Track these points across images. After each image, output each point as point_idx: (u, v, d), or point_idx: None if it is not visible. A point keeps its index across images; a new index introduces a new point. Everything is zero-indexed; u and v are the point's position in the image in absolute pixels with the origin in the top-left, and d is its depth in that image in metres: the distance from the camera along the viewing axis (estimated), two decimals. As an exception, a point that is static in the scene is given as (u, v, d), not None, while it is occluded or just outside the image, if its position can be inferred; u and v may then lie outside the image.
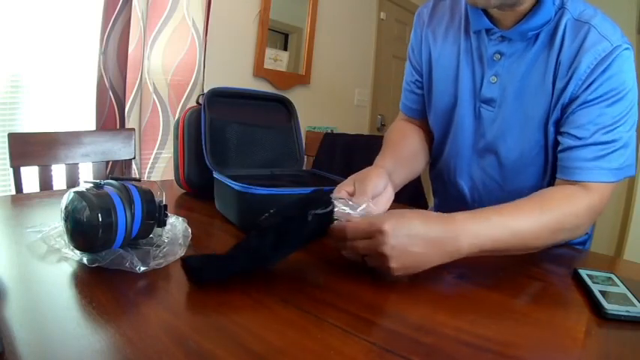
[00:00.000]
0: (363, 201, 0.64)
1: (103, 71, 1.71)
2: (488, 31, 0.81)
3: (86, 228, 0.52)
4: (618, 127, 0.72)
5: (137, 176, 1.91)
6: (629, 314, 0.52)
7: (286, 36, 2.72)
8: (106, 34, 1.70)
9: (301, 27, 2.74)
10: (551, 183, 0.83)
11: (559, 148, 0.77)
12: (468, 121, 0.88)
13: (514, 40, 0.79)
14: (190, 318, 0.46)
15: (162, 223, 0.61)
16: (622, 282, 0.61)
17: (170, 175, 1.94)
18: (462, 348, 0.44)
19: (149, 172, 2.00)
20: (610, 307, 0.52)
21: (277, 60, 2.62)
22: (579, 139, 0.74)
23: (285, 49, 2.72)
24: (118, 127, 1.78)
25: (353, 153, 1.92)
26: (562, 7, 0.76)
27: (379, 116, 3.47)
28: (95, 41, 1.71)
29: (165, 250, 0.60)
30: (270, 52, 2.55)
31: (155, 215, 0.59)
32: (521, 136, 0.82)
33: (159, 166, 2.02)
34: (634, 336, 0.50)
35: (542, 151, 0.82)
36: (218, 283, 0.54)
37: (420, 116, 1.01)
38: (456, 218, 0.60)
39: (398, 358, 0.41)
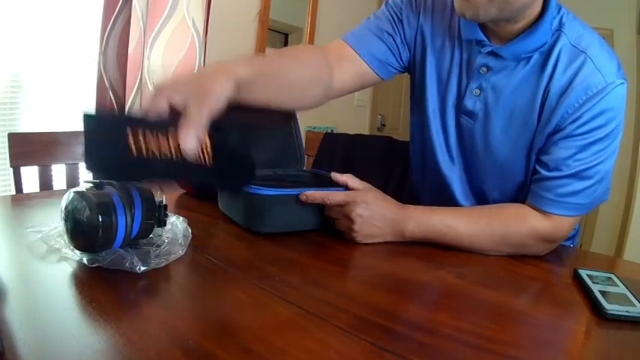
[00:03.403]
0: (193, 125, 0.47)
1: (103, 71, 1.71)
2: (479, 41, 0.78)
3: (86, 228, 0.52)
4: (598, 164, 0.72)
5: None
6: (629, 314, 0.52)
7: (286, 36, 2.72)
8: (106, 34, 1.69)
9: (301, 27, 2.74)
10: None
11: (535, 175, 0.76)
12: (452, 130, 0.86)
13: (505, 57, 0.76)
14: (190, 318, 0.46)
15: (162, 223, 0.61)
16: (622, 282, 0.61)
17: (170, 175, 1.93)
18: (462, 348, 0.44)
19: (149, 172, 2.00)
20: (610, 307, 0.52)
21: (277, 60, 2.62)
22: (558, 171, 0.73)
23: (285, 49, 2.72)
24: (118, 127, 1.78)
25: (353, 153, 1.92)
26: (559, 30, 0.73)
27: (379, 116, 3.47)
28: (95, 41, 1.70)
29: (165, 249, 0.60)
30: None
31: (155, 215, 0.59)
32: (504, 155, 0.80)
33: (159, 166, 2.02)
34: (634, 336, 0.50)
35: (523, 174, 0.80)
36: (218, 282, 0.54)
37: (372, 64, 0.85)
38: (408, 207, 0.75)
39: (398, 358, 0.41)
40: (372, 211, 0.72)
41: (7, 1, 1.52)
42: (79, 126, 0.50)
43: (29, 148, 1.18)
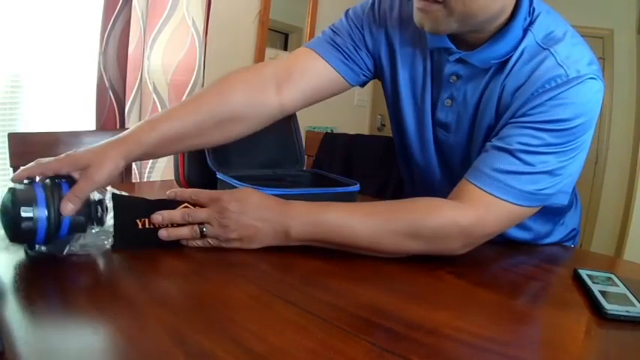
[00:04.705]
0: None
1: (103, 71, 1.71)
2: (447, 49, 0.72)
3: (9, 221, 0.54)
4: (547, 154, 0.63)
5: (137, 175, 1.92)
6: (629, 314, 0.52)
7: (286, 36, 2.72)
8: (106, 34, 1.69)
9: (301, 27, 2.74)
10: None
11: None
12: (430, 143, 0.81)
13: (475, 65, 0.71)
14: (190, 318, 0.46)
15: (96, 221, 0.59)
16: (622, 282, 0.61)
17: (170, 175, 1.94)
18: (462, 348, 0.44)
19: (149, 172, 2.00)
20: (610, 307, 0.52)
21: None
22: (497, 143, 0.65)
23: (285, 49, 2.72)
24: (118, 127, 1.78)
25: (353, 153, 1.92)
26: (527, 29, 0.67)
27: (379, 116, 3.47)
28: (95, 41, 1.71)
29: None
30: (270, 52, 2.55)
31: (86, 212, 0.58)
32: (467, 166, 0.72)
33: (159, 166, 2.02)
34: (634, 336, 0.50)
35: None
36: (218, 282, 0.55)
37: (341, 70, 0.80)
38: (292, 203, 0.64)
39: (398, 358, 0.41)
40: (248, 207, 0.62)
41: (7, 1, 1.52)
42: (78, 126, 0.52)
43: (29, 148, 1.18)
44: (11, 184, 0.57)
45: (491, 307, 0.55)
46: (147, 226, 0.62)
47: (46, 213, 0.55)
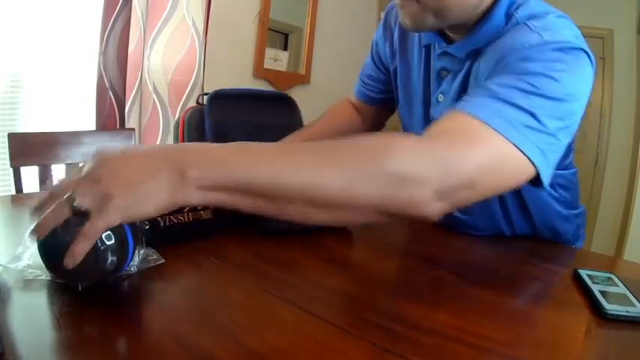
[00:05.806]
0: None
1: (103, 71, 1.71)
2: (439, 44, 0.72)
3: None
4: (528, 92, 0.52)
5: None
6: (629, 314, 0.52)
7: (286, 36, 2.72)
8: (106, 34, 1.69)
9: (301, 27, 2.74)
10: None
11: None
12: None
13: (456, 56, 0.69)
14: (190, 318, 0.46)
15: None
16: (622, 282, 0.61)
17: (170, 175, 1.93)
18: (462, 348, 0.44)
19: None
20: (610, 307, 0.52)
21: (277, 60, 2.62)
22: (483, 86, 0.56)
23: (285, 49, 2.72)
24: (118, 127, 1.78)
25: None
26: (512, 14, 0.63)
27: (379, 116, 3.47)
28: (95, 41, 1.70)
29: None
30: (270, 52, 2.55)
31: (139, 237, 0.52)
32: None
33: (159, 166, 2.02)
34: (634, 336, 0.50)
35: None
36: (218, 282, 0.55)
37: (371, 102, 0.97)
38: (189, 144, 0.46)
39: (398, 358, 0.41)
40: (120, 153, 0.44)
41: (7, 1, 1.52)
42: (78, 126, 0.50)
43: (29, 148, 1.18)
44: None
45: (492, 307, 0.55)
46: (167, 223, 0.64)
47: (132, 236, 0.48)
